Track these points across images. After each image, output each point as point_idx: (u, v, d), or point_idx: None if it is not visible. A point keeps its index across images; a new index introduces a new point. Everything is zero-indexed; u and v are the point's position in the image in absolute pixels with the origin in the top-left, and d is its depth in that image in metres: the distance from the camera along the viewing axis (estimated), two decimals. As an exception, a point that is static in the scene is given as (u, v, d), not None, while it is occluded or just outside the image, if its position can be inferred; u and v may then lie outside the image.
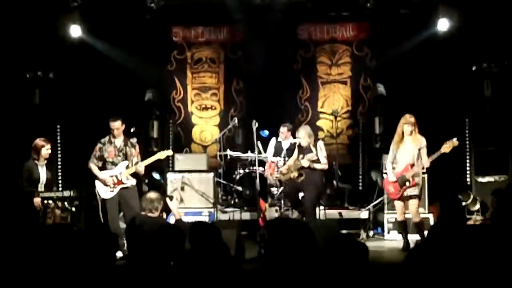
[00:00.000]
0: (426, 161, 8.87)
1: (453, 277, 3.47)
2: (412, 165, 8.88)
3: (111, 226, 8.43)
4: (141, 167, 9.09)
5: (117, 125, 9.09)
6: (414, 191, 8.95)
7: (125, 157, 9.08)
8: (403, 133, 8.95)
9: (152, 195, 7.75)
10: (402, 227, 9.15)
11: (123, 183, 8.98)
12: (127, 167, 9.02)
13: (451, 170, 11.34)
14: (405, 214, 9.10)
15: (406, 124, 8.92)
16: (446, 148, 8.74)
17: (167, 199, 8.11)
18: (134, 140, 9.39)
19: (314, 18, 12.84)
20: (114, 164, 9.05)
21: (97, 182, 9.05)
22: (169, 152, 9.74)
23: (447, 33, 11.65)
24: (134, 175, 9.14)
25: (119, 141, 9.13)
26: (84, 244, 3.98)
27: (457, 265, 3.53)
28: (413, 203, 8.96)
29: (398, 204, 9.09)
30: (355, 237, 9.54)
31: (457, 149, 9.06)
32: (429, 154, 8.91)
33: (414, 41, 11.91)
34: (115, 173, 9.01)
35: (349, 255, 3.64)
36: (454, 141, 8.74)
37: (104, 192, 8.99)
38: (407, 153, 8.92)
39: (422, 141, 8.93)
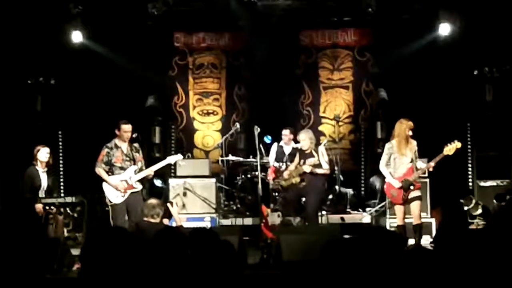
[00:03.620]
0: (429, 164, 8.85)
1: (456, 282, 3.47)
2: (413, 169, 8.85)
3: None
4: (151, 171, 9.12)
5: (130, 129, 9.08)
6: (417, 193, 8.92)
7: (133, 161, 9.06)
8: (407, 137, 8.89)
9: (154, 201, 7.76)
10: (402, 232, 9.11)
11: (134, 188, 8.96)
12: (135, 171, 9.02)
13: (453, 174, 11.33)
14: (405, 219, 9.06)
15: (409, 128, 8.88)
16: (448, 150, 8.70)
17: (168, 205, 8.12)
18: (137, 144, 9.37)
19: (315, 23, 12.87)
20: (122, 169, 9.00)
21: (105, 187, 8.96)
22: (179, 157, 9.74)
23: (449, 38, 11.66)
24: (140, 180, 9.13)
25: (125, 146, 9.09)
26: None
27: (460, 269, 3.53)
28: (416, 204, 8.91)
29: (399, 208, 9.04)
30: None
31: (459, 154, 9.03)
32: (431, 158, 8.89)
33: (415, 46, 11.93)
34: (125, 177, 8.97)
35: (385, 245, 3.63)
36: (457, 143, 8.70)
37: (114, 197, 8.91)
38: (407, 157, 8.89)
39: (415, 143, 8.92)
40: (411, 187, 8.81)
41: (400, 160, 8.90)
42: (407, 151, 8.86)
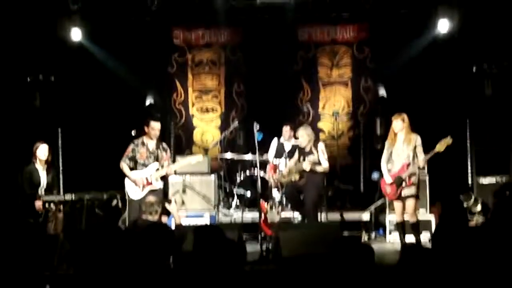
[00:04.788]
0: (421, 160, 8.78)
1: (456, 278, 3.47)
2: (408, 165, 8.82)
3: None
4: (171, 170, 9.23)
5: (159, 126, 9.23)
6: (411, 191, 8.84)
7: (156, 159, 9.15)
8: (405, 130, 8.87)
9: (152, 198, 7.77)
10: (400, 228, 9.11)
11: (152, 185, 9.06)
12: (157, 169, 9.10)
13: (452, 170, 11.33)
14: (404, 215, 9.05)
15: (395, 120, 8.86)
16: (440, 146, 8.66)
17: (166, 203, 8.13)
18: (165, 144, 9.51)
19: (314, 19, 12.85)
20: (144, 165, 9.13)
21: (126, 182, 9.12)
22: (200, 158, 9.89)
23: (448, 33, 11.68)
24: (162, 178, 9.25)
25: (152, 143, 9.21)
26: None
27: (460, 265, 3.53)
28: (410, 203, 8.88)
29: (397, 204, 9.04)
30: (359, 239, 9.55)
31: (458, 150, 9.01)
32: (425, 153, 8.84)
33: (414, 42, 11.93)
34: (145, 174, 9.08)
35: (355, 257, 3.65)
36: (448, 140, 8.65)
37: (133, 192, 9.06)
38: (402, 152, 8.85)
39: (417, 139, 8.79)
40: (403, 184, 8.78)
41: (396, 155, 8.88)
42: (398, 145, 8.82)
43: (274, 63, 12.47)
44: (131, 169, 9.14)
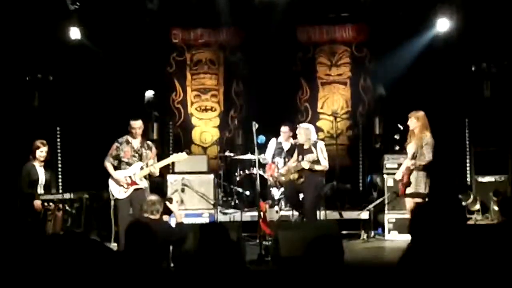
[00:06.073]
0: (422, 159, 8.70)
1: (453, 278, 3.47)
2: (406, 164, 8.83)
3: (120, 226, 8.56)
4: (155, 169, 9.10)
5: (138, 125, 9.10)
6: (411, 189, 8.81)
7: (140, 158, 9.07)
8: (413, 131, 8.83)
9: (153, 197, 7.76)
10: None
11: (136, 184, 8.97)
12: (142, 168, 9.02)
13: (451, 170, 11.34)
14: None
15: (409, 117, 8.80)
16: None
17: (167, 202, 8.13)
18: (150, 142, 9.42)
19: (313, 19, 12.86)
20: (128, 164, 9.01)
21: (110, 182, 9.01)
22: (184, 156, 9.75)
23: (446, 33, 11.66)
24: (147, 177, 9.17)
25: (136, 142, 9.11)
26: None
27: (458, 265, 3.53)
28: (407, 201, 8.90)
29: (406, 201, 9.03)
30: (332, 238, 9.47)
31: (457, 150, 8.97)
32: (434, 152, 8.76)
33: (413, 41, 11.93)
34: (129, 173, 8.99)
35: (324, 257, 3.66)
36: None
37: (117, 192, 8.95)
38: (409, 151, 8.85)
39: (424, 139, 8.64)
40: (403, 181, 8.79)
41: (409, 153, 8.85)
42: (410, 144, 8.81)
43: (273, 62, 12.46)
44: (116, 167, 9.02)
